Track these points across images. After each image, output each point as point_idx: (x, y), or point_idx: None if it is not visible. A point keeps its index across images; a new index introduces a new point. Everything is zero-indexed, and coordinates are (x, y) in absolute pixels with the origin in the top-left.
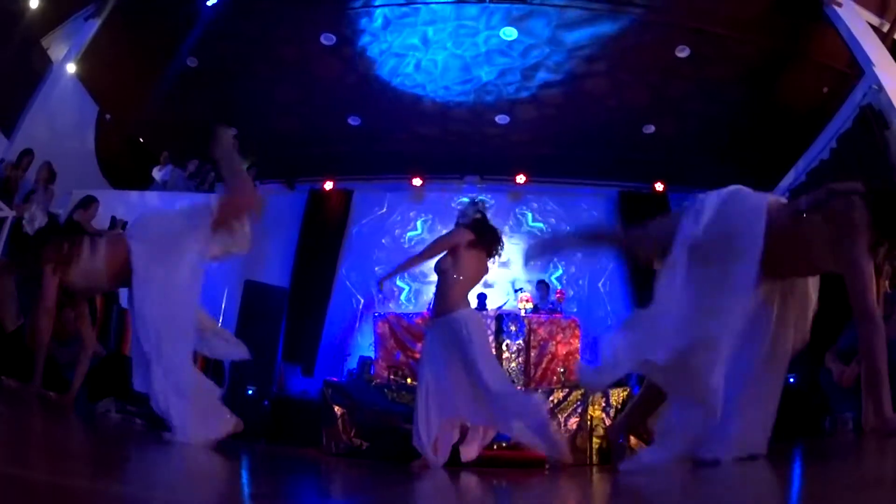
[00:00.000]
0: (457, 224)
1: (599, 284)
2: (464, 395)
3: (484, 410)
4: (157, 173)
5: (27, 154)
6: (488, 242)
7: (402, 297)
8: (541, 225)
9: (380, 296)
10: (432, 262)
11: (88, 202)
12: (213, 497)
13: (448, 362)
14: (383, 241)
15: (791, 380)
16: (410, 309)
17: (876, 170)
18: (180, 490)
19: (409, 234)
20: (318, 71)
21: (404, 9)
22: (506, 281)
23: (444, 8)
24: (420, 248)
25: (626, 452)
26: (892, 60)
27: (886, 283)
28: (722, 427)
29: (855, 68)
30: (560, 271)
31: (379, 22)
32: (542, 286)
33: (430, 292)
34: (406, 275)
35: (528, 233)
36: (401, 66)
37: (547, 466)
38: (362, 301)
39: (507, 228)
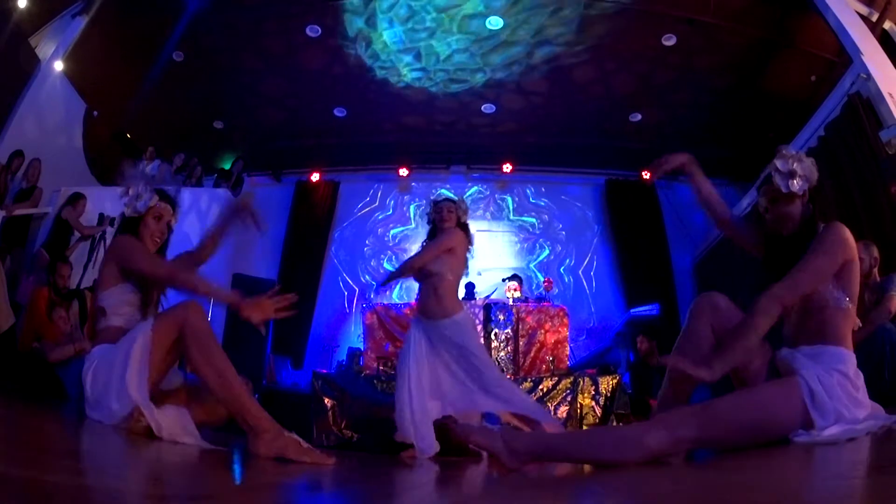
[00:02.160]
0: (442, 225)
1: (580, 272)
2: (459, 390)
3: (472, 398)
4: (152, 167)
5: (18, 155)
6: (471, 242)
7: (394, 294)
8: (533, 220)
9: (374, 297)
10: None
11: (76, 199)
12: (204, 489)
13: (437, 361)
14: (367, 241)
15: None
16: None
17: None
18: (168, 484)
19: (393, 231)
20: (303, 63)
21: None
22: (494, 269)
23: None
24: (415, 253)
25: None
26: (881, 49)
27: (875, 271)
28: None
29: (843, 57)
30: (547, 251)
31: (364, 12)
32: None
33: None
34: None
35: (514, 222)
36: (386, 56)
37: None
38: (357, 290)
39: (488, 215)
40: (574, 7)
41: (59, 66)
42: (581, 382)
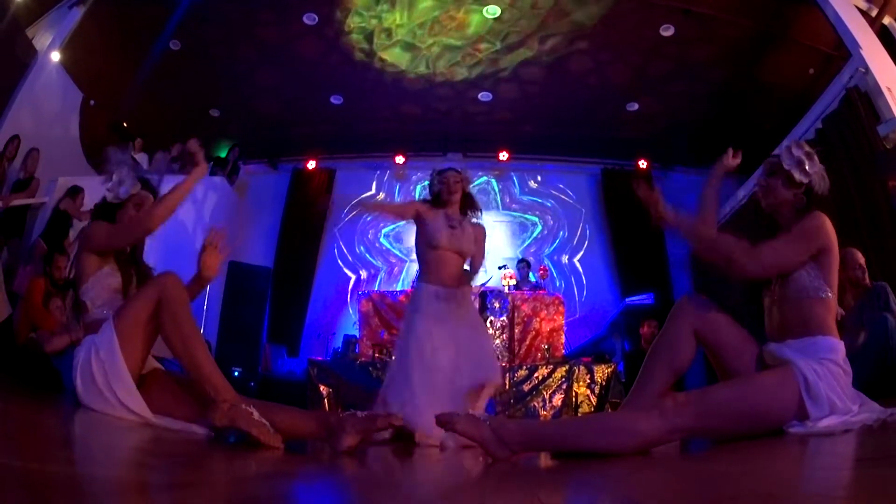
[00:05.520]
0: (450, 197)
1: (575, 260)
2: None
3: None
4: (141, 158)
5: (13, 140)
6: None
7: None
8: (528, 209)
9: None
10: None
11: (75, 192)
12: (195, 477)
13: (452, 335)
14: (363, 229)
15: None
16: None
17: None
18: (160, 471)
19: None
20: (300, 51)
21: None
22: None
23: None
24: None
25: None
26: (880, 44)
27: (866, 276)
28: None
29: (841, 51)
30: (540, 231)
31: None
32: (522, 265)
33: (412, 270)
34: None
35: (510, 210)
36: (383, 43)
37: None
38: (353, 278)
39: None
40: None
41: (55, 56)
42: (576, 371)
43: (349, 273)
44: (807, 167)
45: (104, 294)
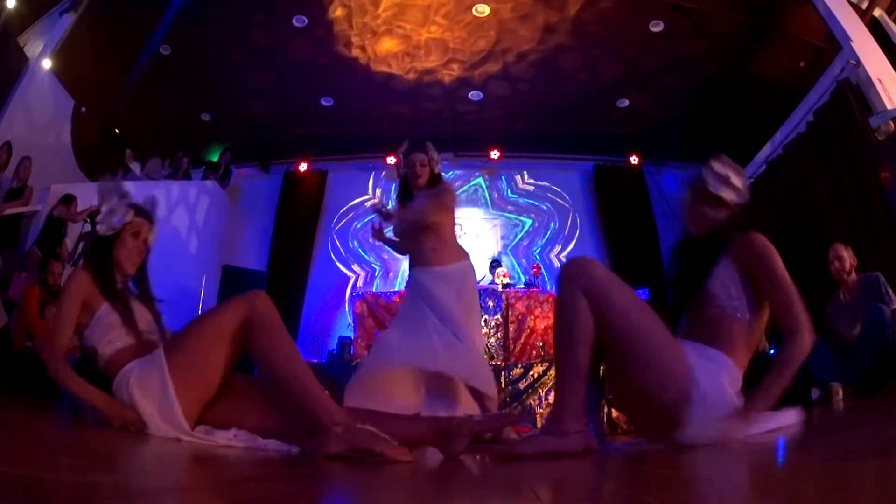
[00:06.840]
0: (416, 181)
1: (567, 257)
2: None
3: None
4: (134, 166)
5: (5, 148)
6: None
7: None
8: (521, 207)
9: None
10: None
11: (69, 200)
12: (198, 482)
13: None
14: (356, 230)
15: (772, 351)
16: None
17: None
18: (162, 477)
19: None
20: (290, 53)
21: None
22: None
23: None
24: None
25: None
26: (870, 36)
27: (853, 271)
28: None
29: (832, 43)
30: (530, 222)
31: (350, 1)
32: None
33: (401, 269)
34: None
35: (502, 208)
36: (373, 44)
37: None
38: (353, 278)
39: (472, 202)
40: None
41: (47, 63)
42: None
43: (344, 270)
44: (734, 182)
45: (109, 333)
